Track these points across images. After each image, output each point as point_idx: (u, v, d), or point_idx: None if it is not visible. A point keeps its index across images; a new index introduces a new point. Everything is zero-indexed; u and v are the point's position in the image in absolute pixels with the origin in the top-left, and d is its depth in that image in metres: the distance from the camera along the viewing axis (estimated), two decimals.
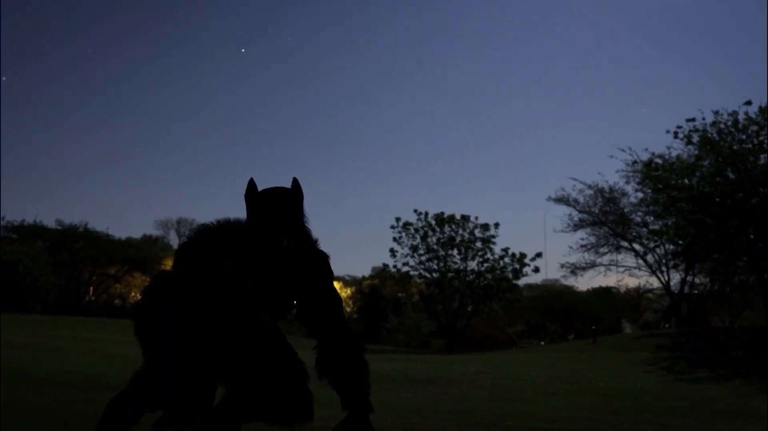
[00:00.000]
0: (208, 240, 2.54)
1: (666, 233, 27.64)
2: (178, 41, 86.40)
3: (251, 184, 2.70)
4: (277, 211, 2.62)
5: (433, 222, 41.60)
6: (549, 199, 33.75)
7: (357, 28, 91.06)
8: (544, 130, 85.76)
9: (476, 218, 41.45)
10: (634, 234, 32.73)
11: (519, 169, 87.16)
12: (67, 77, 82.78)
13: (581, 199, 32.76)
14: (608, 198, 32.23)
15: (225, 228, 2.60)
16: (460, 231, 41.55)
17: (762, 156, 22.23)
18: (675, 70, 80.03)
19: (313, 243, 2.66)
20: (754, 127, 22.01)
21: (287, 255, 2.53)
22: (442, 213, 41.71)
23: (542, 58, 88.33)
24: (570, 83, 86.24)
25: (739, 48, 78.87)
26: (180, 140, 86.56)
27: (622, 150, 29.86)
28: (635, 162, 25.88)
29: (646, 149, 27.73)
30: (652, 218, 28.76)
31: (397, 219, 41.94)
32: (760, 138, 22.02)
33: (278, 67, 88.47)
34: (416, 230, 41.69)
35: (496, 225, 41.43)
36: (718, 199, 23.08)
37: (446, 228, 41.54)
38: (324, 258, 2.62)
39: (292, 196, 2.69)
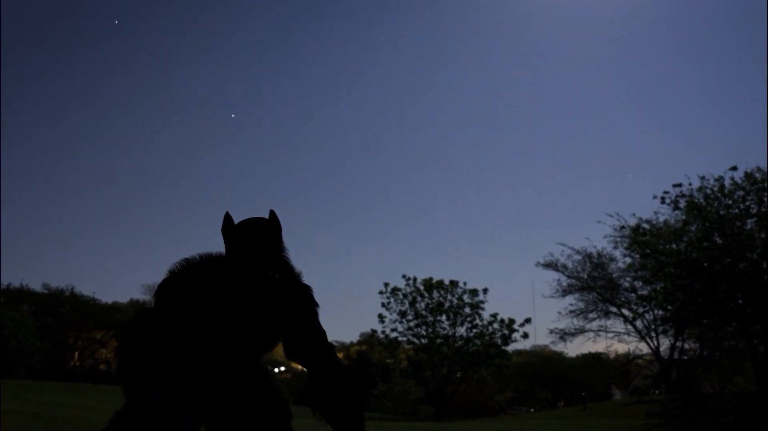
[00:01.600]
0: (190, 277, 2.50)
1: (655, 298, 27.64)
2: (164, 105, 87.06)
3: (227, 218, 2.68)
4: (257, 243, 2.60)
5: (422, 288, 41.50)
6: (537, 264, 33.76)
7: (343, 95, 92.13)
8: (533, 196, 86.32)
9: (465, 283, 41.44)
10: (622, 299, 32.71)
11: (507, 234, 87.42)
12: (51, 142, 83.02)
13: (569, 265, 32.79)
14: (596, 263, 32.29)
15: (207, 262, 2.57)
16: (449, 297, 41.45)
17: (748, 221, 22.40)
18: (661, 135, 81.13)
19: (296, 275, 2.63)
20: (740, 192, 22.22)
21: (270, 289, 2.50)
22: (431, 278, 41.66)
23: (529, 124, 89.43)
24: (557, 149, 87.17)
25: (725, 114, 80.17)
26: (167, 204, 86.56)
27: (610, 215, 30.02)
28: (623, 227, 25.99)
29: (634, 214, 27.92)
30: (640, 283, 28.75)
31: (386, 285, 41.86)
32: (747, 203, 22.22)
33: (265, 134, 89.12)
34: (405, 295, 41.57)
35: (485, 290, 41.40)
36: (706, 264, 23.14)
37: (435, 294, 41.44)
38: (307, 290, 2.60)
39: (270, 227, 2.67)
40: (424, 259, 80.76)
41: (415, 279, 41.63)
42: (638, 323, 33.13)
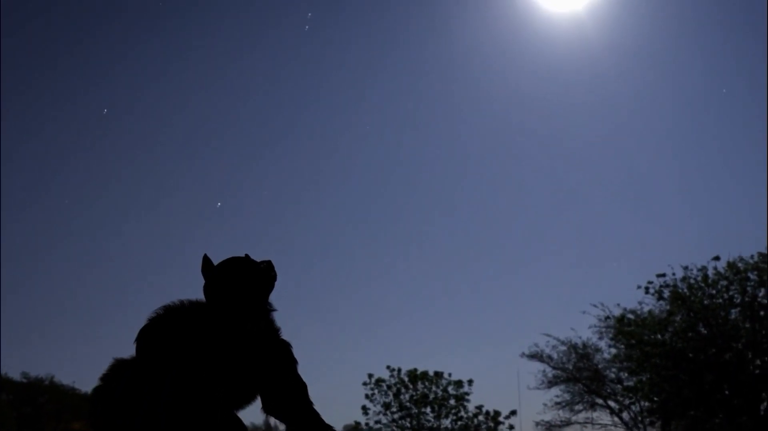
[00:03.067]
0: (170, 326, 2.43)
1: (641, 389, 27.42)
2: (143, 194, 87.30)
3: (206, 260, 2.61)
4: (239, 290, 2.53)
5: (406, 379, 41.01)
6: (522, 355, 33.55)
7: (327, 182, 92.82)
8: (517, 285, 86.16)
9: (449, 374, 40.97)
10: (608, 390, 32.39)
11: (492, 324, 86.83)
12: (31, 228, 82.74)
13: (555, 355, 32.59)
14: (582, 354, 32.11)
15: (188, 310, 2.49)
16: (434, 388, 40.93)
17: (732, 311, 22.51)
18: (644, 225, 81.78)
19: (276, 331, 2.55)
20: (724, 282, 22.39)
21: (250, 341, 2.43)
22: (415, 369, 41.18)
23: (513, 214, 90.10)
24: (541, 239, 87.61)
25: (709, 203, 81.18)
26: (150, 290, 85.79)
27: (594, 305, 30.02)
28: (608, 317, 26.01)
29: (618, 304, 27.95)
30: (626, 374, 28.59)
31: (370, 376, 41.29)
32: (730, 292, 22.38)
33: (247, 221, 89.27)
34: (389, 387, 40.97)
35: (470, 381, 40.83)
36: (691, 355, 23.11)
37: (419, 385, 40.95)
38: (286, 345, 2.53)
39: (254, 273, 2.59)
40: (409, 349, 79.90)
41: (399, 370, 41.16)
42: (625, 415, 32.71)
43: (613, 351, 27.97)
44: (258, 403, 2.50)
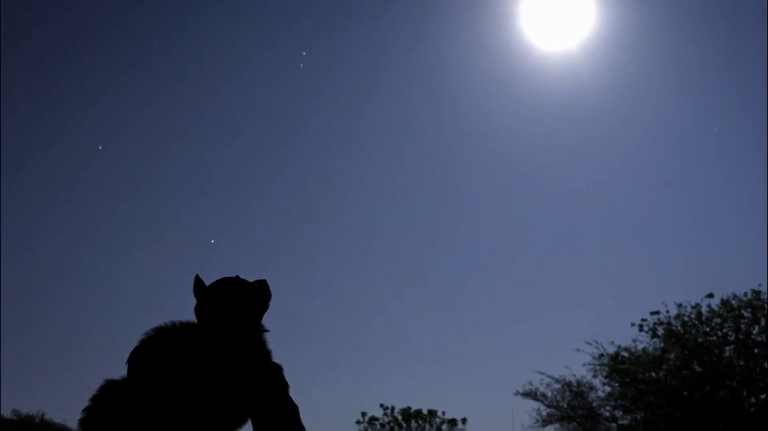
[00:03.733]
0: (161, 349, 2.41)
1: (636, 428, 27.25)
2: (135, 233, 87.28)
3: (198, 281, 2.59)
4: (232, 312, 2.51)
5: (400, 418, 40.78)
6: (517, 393, 33.35)
7: (322, 222, 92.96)
8: (511, 323, 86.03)
9: (443, 413, 40.77)
10: (603, 429, 32.17)
11: (486, 362, 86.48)
12: (23, 265, 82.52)
13: (549, 394, 32.43)
14: (576, 392, 31.96)
15: (180, 331, 2.47)
16: (427, 427, 40.71)
17: (726, 348, 22.48)
18: (638, 262, 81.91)
19: (268, 353, 2.54)
20: (718, 320, 22.38)
21: (239, 365, 2.41)
22: (409, 407, 41.00)
23: (507, 253, 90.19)
24: (535, 276, 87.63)
25: (702, 241, 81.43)
26: (143, 330, 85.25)
27: (588, 343, 29.97)
28: (602, 355, 25.93)
29: (612, 342, 27.83)
30: (621, 412, 28.43)
31: (363, 414, 41.09)
32: (724, 330, 22.36)
33: (240, 261, 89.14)
34: (382, 425, 40.76)
35: (464, 420, 40.67)
36: (686, 393, 23.02)
37: (413, 424, 40.69)
38: (278, 368, 2.51)
39: (246, 294, 2.57)
40: (402, 387, 79.39)
41: (393, 409, 40.96)
42: None
43: (608, 389, 27.83)
44: (249, 426, 2.47)
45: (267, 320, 2.64)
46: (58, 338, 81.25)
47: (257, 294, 2.61)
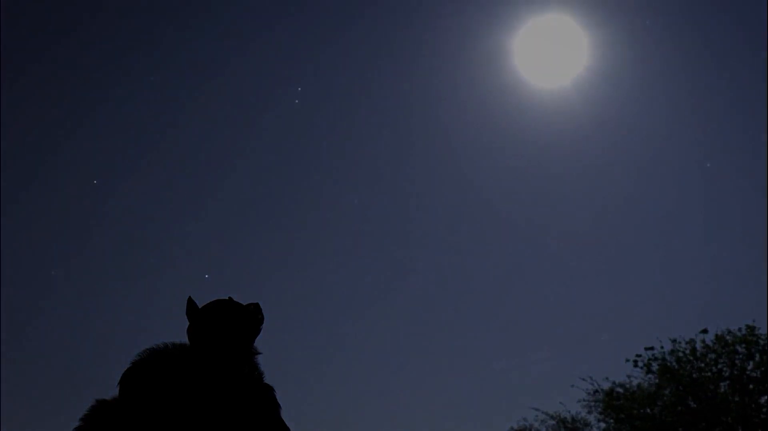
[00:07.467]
0: (154, 370, 2.41)
1: None
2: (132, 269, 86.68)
3: (191, 302, 2.58)
4: (220, 335, 2.50)
5: None
6: (511, 429, 33.06)
7: (322, 266, 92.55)
8: (505, 358, 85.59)
9: None
10: None
11: (480, 397, 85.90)
12: (18, 291, 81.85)
13: (544, 430, 32.19)
14: (571, 428, 31.69)
15: (172, 353, 2.47)
16: None
17: (721, 384, 22.35)
18: (632, 298, 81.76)
19: (259, 374, 2.54)
20: (712, 355, 22.29)
21: (230, 387, 2.41)
22: None
23: (501, 288, 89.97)
24: (529, 312, 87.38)
25: (696, 276, 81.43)
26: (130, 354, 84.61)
27: (583, 379, 29.80)
28: (596, 391, 25.75)
29: (607, 378, 27.69)
30: None
31: None
32: (719, 365, 22.25)
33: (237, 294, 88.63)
34: None
35: None
36: (681, 429, 22.83)
37: None
38: (269, 389, 2.52)
39: (238, 316, 2.56)
40: (394, 423, 78.73)
41: None
42: None
43: (603, 425, 27.57)
44: None
45: (259, 343, 2.64)
46: (47, 358, 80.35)
47: (250, 317, 2.60)
